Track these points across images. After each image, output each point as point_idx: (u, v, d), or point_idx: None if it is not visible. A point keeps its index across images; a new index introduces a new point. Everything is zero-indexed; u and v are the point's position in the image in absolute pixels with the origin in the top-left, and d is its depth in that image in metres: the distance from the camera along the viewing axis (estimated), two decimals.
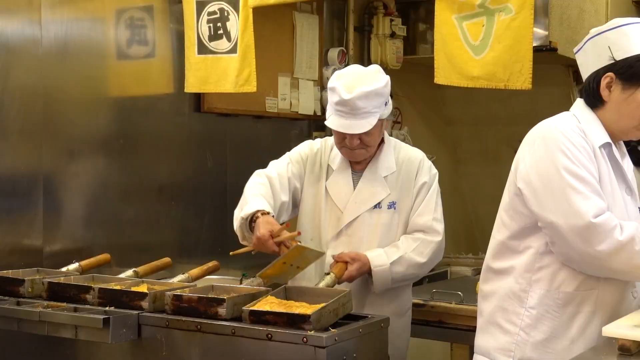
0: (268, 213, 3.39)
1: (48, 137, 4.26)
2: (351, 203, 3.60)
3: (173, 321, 2.96)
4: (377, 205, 3.59)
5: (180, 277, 3.55)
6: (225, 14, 4.90)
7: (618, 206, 2.79)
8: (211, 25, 4.97)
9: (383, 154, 3.65)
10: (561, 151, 2.73)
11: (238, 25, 4.85)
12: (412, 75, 6.98)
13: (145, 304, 3.06)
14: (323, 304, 2.86)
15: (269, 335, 2.76)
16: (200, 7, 4.98)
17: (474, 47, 4.10)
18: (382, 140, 3.67)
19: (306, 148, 3.77)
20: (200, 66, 4.92)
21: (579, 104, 2.93)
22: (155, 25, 4.96)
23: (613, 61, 2.80)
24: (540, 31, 5.04)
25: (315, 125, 6.35)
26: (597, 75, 2.84)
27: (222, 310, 2.92)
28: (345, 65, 6.33)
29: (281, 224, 3.36)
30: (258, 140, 4.01)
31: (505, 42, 4.00)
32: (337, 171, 3.65)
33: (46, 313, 3.07)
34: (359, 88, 3.40)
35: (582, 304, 2.79)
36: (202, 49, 5.01)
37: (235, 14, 4.86)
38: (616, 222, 2.65)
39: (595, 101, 2.86)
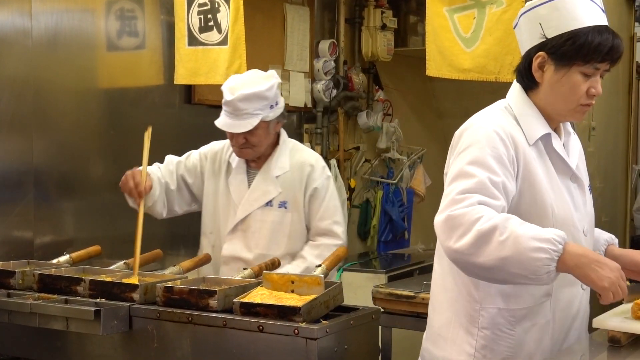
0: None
1: (38, 128, 4.26)
2: (245, 200, 3.81)
3: (164, 313, 2.96)
4: (269, 204, 3.80)
5: (171, 269, 3.55)
6: (216, 6, 4.89)
7: (561, 200, 2.61)
8: (202, 16, 4.95)
9: (277, 155, 3.83)
10: (473, 153, 2.52)
11: (229, 16, 4.84)
12: (403, 68, 7.00)
13: (136, 295, 3.06)
14: (314, 296, 2.87)
15: (261, 327, 2.76)
16: None
17: (465, 40, 4.11)
18: (278, 141, 3.85)
19: (208, 147, 3.99)
20: (191, 58, 4.90)
21: (515, 89, 2.72)
22: (145, 16, 4.95)
23: (544, 39, 2.57)
24: None
25: (305, 117, 6.36)
26: (529, 55, 2.63)
27: (213, 302, 2.92)
28: (336, 58, 6.35)
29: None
30: None
31: (496, 35, 4.00)
32: (235, 169, 3.86)
33: (37, 305, 3.06)
34: (241, 91, 3.63)
35: (536, 316, 2.63)
36: (193, 40, 5.00)
37: (226, 6, 4.84)
38: (481, 215, 2.37)
39: (529, 82, 2.65)
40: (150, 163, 3.76)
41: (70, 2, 4.47)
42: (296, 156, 3.85)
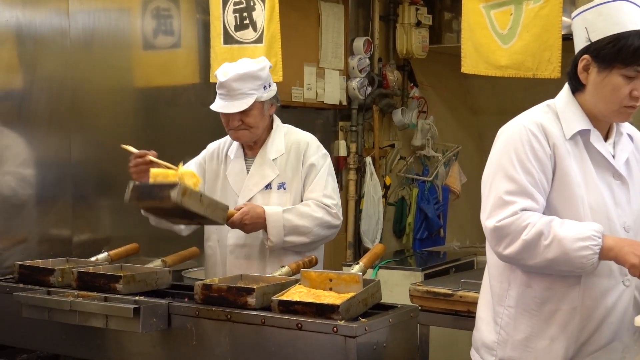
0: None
1: (76, 127, 4.29)
2: (244, 186, 3.83)
3: (203, 311, 2.96)
4: (268, 186, 3.81)
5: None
6: (251, 4, 4.90)
7: (595, 193, 2.70)
8: (237, 15, 4.97)
9: (271, 139, 3.85)
10: (507, 154, 2.69)
11: (264, 15, 4.85)
12: (438, 65, 6.97)
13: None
14: (352, 294, 2.86)
15: (299, 325, 2.76)
16: None
17: (502, 36, 4.08)
18: (272, 127, 3.87)
19: (204, 151, 4.01)
20: (226, 56, 4.91)
21: (564, 89, 2.83)
22: (181, 15, 4.97)
23: (589, 42, 2.69)
24: (568, 20, 5.00)
25: (340, 115, 6.35)
26: (576, 58, 2.75)
27: (251, 300, 2.92)
28: (371, 55, 6.34)
29: None
30: None
31: (533, 31, 3.97)
32: (234, 160, 3.88)
33: (77, 302, 3.07)
34: (234, 71, 3.65)
35: (562, 301, 2.71)
36: (228, 38, 5.02)
37: (261, 4, 4.85)
38: (526, 223, 2.59)
39: (576, 84, 2.76)
40: (179, 161, 3.79)
41: (106, 1, 4.50)
42: (291, 138, 3.88)
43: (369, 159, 6.38)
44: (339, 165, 6.30)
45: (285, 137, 3.87)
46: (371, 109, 6.47)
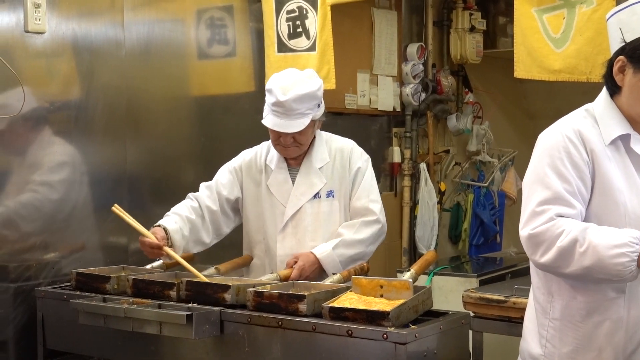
0: (163, 228, 3.71)
1: (131, 136, 4.35)
2: (292, 196, 3.82)
3: (255, 317, 2.99)
4: (317, 195, 3.82)
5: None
6: (304, 12, 4.93)
7: (637, 200, 2.60)
8: (290, 23, 5.00)
9: (315, 148, 3.85)
10: (544, 161, 2.64)
11: (316, 22, 4.88)
12: (493, 69, 6.93)
13: (228, 296, 3.10)
14: (403, 301, 2.86)
15: (350, 332, 2.77)
16: (279, 5, 5.02)
17: (555, 40, 4.05)
18: (314, 136, 3.87)
19: (239, 158, 4.00)
20: (281, 64, 4.94)
21: (602, 93, 2.74)
22: (235, 24, 5.02)
23: (624, 43, 2.60)
24: None
25: (395, 121, 6.34)
26: (611, 60, 2.66)
27: (302, 307, 2.94)
28: (425, 61, 6.33)
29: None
30: None
31: (586, 35, 3.93)
32: (276, 170, 3.88)
33: (131, 309, 3.13)
34: (294, 91, 3.62)
35: (607, 311, 2.63)
36: (282, 47, 5.06)
37: (314, 12, 4.88)
38: (561, 230, 2.52)
39: (612, 87, 2.67)
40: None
41: (161, 12, 4.56)
42: (333, 145, 3.89)
43: (423, 165, 6.36)
44: (393, 172, 6.30)
45: (327, 144, 3.89)
46: (425, 115, 6.45)
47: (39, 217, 3.94)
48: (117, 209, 3.72)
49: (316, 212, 3.79)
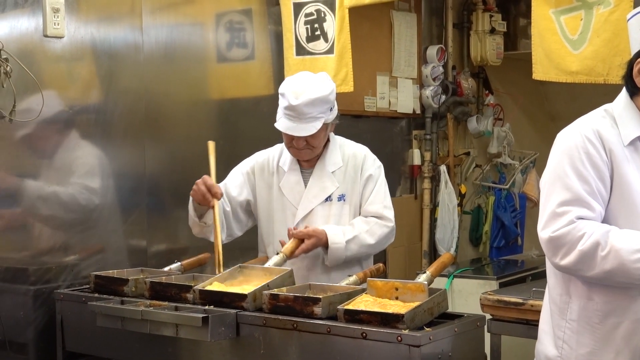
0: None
1: (150, 139, 4.38)
2: (304, 198, 3.84)
3: (270, 320, 3.01)
4: (328, 199, 3.84)
5: (275, 258, 3.62)
6: (322, 15, 4.95)
7: None
8: (308, 26, 5.02)
9: (329, 152, 3.87)
10: (563, 162, 2.61)
11: (335, 25, 4.89)
12: (514, 71, 6.91)
13: (246, 304, 3.11)
14: (418, 303, 2.86)
15: (364, 334, 2.78)
16: (297, 8, 5.04)
17: (572, 42, 4.04)
18: (328, 140, 3.89)
19: (251, 160, 4.01)
20: (299, 67, 4.96)
21: (621, 94, 2.72)
22: (254, 27, 5.04)
23: None
24: None
25: (414, 124, 6.34)
26: (631, 61, 2.65)
27: (317, 309, 2.95)
28: (445, 63, 6.32)
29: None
30: (358, 140, 4.05)
31: (604, 36, 3.92)
32: (288, 172, 3.89)
33: (148, 312, 3.15)
34: (306, 95, 3.64)
35: (625, 312, 2.61)
36: (300, 50, 5.07)
37: (332, 15, 4.90)
38: (582, 233, 2.51)
39: (632, 88, 2.66)
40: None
41: (179, 16, 4.58)
42: (347, 150, 3.91)
43: (443, 168, 6.36)
44: (413, 174, 6.30)
45: (341, 149, 3.90)
46: (445, 117, 6.45)
47: (60, 220, 3.98)
48: (211, 145, 3.84)
49: (327, 214, 3.80)
